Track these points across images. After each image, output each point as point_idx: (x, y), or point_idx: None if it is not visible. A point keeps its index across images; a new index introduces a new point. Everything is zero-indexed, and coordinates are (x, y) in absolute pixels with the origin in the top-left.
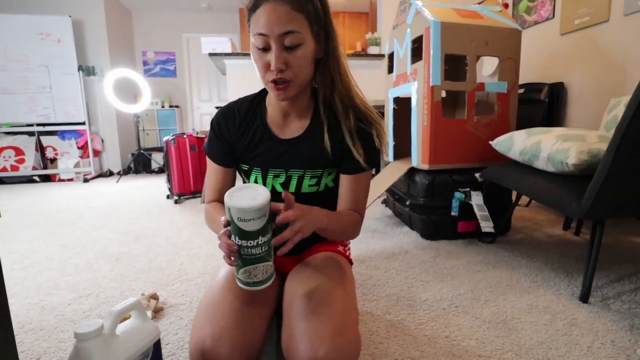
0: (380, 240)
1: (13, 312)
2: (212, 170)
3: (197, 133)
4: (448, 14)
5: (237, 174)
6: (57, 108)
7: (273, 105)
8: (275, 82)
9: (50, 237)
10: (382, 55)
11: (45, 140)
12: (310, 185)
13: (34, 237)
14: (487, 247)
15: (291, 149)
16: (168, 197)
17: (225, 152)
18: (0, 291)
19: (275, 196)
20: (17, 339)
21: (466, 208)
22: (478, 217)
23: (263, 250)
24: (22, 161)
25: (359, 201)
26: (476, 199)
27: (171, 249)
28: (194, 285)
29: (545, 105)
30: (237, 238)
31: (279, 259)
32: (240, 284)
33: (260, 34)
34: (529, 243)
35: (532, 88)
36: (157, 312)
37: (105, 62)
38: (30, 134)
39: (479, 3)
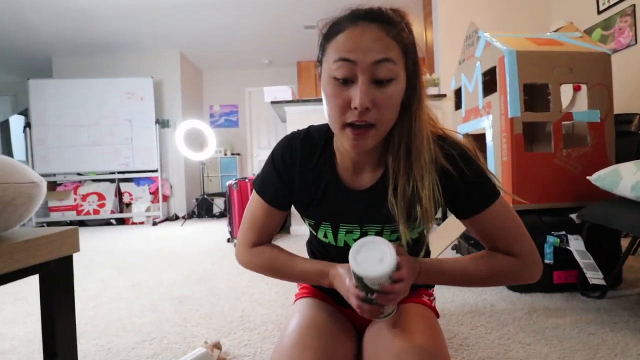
0: (457, 292)
1: (81, 353)
2: (258, 208)
3: None
4: (522, 43)
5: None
6: (136, 157)
7: (341, 151)
8: (354, 125)
9: (120, 277)
10: (442, 95)
11: (124, 186)
12: (390, 241)
13: (107, 276)
14: (596, 303)
15: (365, 202)
16: (229, 240)
17: (281, 190)
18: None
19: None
20: None
21: (562, 255)
22: (582, 266)
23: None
24: (102, 205)
25: (506, 239)
26: (575, 245)
27: (232, 293)
28: (257, 335)
29: (638, 138)
30: (368, 294)
31: (354, 313)
32: None
33: (345, 60)
34: None
35: (620, 120)
36: None
37: (178, 116)
38: (112, 180)
39: (554, 31)
